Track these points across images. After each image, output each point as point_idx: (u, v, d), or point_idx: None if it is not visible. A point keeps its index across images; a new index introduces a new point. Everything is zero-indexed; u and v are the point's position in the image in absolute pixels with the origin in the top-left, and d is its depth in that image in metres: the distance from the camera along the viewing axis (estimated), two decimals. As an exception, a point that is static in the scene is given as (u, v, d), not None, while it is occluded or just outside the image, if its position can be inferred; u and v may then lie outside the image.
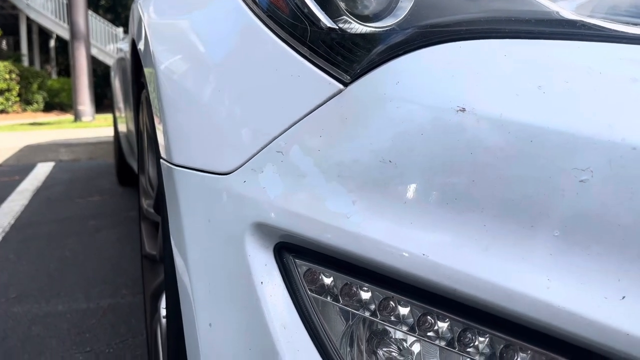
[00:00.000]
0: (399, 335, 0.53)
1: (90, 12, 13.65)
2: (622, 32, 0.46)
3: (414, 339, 0.54)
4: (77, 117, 10.05)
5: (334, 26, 0.52)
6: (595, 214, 0.42)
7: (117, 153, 3.79)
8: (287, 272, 0.54)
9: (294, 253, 0.54)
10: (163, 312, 1.02)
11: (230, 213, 0.56)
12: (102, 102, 16.52)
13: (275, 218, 0.53)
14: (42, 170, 4.77)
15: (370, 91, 0.49)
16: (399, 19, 0.53)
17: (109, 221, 3.00)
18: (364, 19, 0.55)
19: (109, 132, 5.97)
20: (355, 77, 0.50)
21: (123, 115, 2.91)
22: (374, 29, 0.51)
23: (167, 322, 0.76)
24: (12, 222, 3.01)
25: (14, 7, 17.49)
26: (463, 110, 0.45)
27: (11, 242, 2.62)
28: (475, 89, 0.46)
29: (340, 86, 0.51)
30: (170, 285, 0.70)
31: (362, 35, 0.51)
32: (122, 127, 3.24)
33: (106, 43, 17.30)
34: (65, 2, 13.84)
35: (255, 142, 0.55)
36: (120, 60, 2.83)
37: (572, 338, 0.43)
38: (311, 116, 0.51)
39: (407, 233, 0.47)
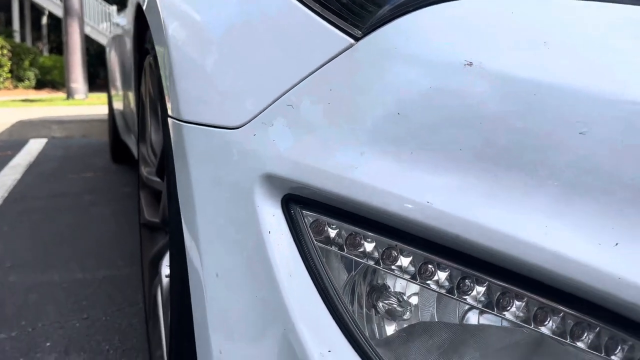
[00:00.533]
0: (401, 284, 0.56)
1: (83, -11, 13.46)
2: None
3: (414, 291, 0.57)
4: (70, 95, 9.95)
5: (346, -18, 0.54)
6: (592, 165, 0.45)
7: (112, 131, 3.78)
8: (294, 223, 0.56)
9: (301, 204, 0.56)
10: (166, 271, 1.03)
11: (240, 165, 0.58)
12: (95, 81, 16.33)
13: (285, 169, 0.54)
14: (35, 147, 4.74)
15: (381, 46, 0.51)
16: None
17: (103, 197, 3.01)
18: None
19: (103, 110, 5.94)
20: (367, 32, 0.52)
21: (120, 93, 2.90)
22: (385, -13, 0.53)
23: (171, 279, 0.78)
24: (5, 195, 3.00)
25: (5, -18, 17.20)
26: (470, 64, 0.47)
27: (4, 215, 2.62)
28: (482, 44, 0.48)
29: (352, 41, 0.52)
30: (176, 241, 0.72)
31: (374, -8, 0.53)
32: (117, 105, 3.22)
33: (99, 22, 17.08)
34: (58, -22, 13.64)
35: (266, 96, 0.56)
36: (117, 37, 2.81)
37: (566, 283, 0.46)
38: (322, 70, 0.53)
39: (413, 182, 0.49)
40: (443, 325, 0.57)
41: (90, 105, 8.04)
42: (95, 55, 17.69)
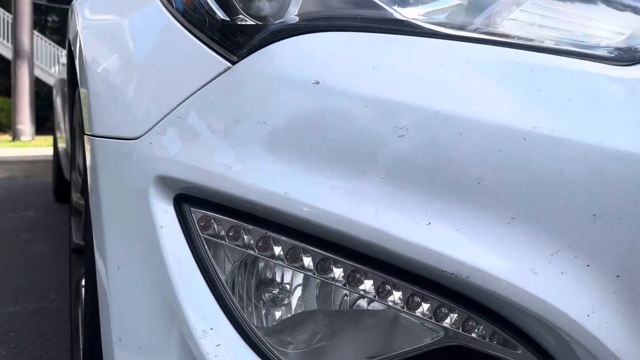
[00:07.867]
0: (282, 273, 0.66)
1: (36, 32, 13.43)
2: (435, 30, 0.61)
3: (288, 275, 0.66)
4: (16, 137, 9.76)
5: (227, 18, 0.65)
6: (409, 160, 0.57)
7: (56, 170, 3.77)
8: (184, 218, 0.65)
9: (190, 202, 0.66)
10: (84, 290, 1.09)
11: (138, 170, 0.67)
12: (44, 124, 16.00)
13: (174, 171, 0.64)
14: (-26, 187, 4.64)
15: (251, 68, 0.62)
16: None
17: (42, 234, 2.98)
18: (258, 18, 0.68)
19: (49, 152, 5.87)
20: (241, 58, 0.63)
21: (64, 135, 2.93)
22: (258, 22, 0.65)
23: (85, 280, 0.85)
24: (-61, 233, 2.94)
25: (-47, 24, 16.93)
26: (318, 83, 0.59)
27: (-64, 252, 2.57)
28: (327, 68, 0.60)
29: (229, 64, 0.64)
30: (88, 244, 0.79)
31: (248, 26, 0.65)
32: (62, 145, 3.24)
33: (51, 64, 16.96)
34: (10, 21, 13.54)
35: (160, 111, 0.66)
36: (62, 79, 2.87)
37: (391, 255, 0.57)
38: (206, 88, 0.64)
39: (274, 178, 0.59)
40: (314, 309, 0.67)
41: (36, 147, 7.91)
42: (45, 98, 17.41)
